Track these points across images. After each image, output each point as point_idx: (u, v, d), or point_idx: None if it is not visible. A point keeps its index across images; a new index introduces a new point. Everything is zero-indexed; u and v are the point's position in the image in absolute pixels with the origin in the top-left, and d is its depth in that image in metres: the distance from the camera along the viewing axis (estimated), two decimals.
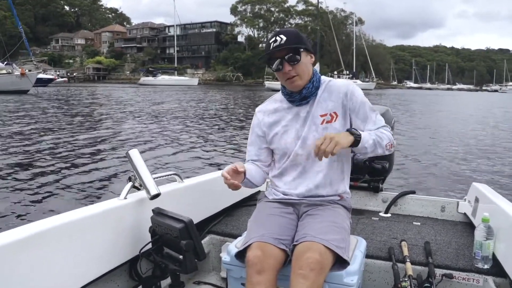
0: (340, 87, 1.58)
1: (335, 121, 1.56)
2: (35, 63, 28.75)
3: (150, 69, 61.80)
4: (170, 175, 1.91)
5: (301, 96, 1.57)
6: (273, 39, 1.50)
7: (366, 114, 1.57)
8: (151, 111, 16.55)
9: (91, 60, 77.36)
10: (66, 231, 1.33)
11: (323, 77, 1.64)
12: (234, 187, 1.44)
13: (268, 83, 45.35)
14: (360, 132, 1.49)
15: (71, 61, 78.50)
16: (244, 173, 1.53)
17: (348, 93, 1.57)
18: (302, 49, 1.51)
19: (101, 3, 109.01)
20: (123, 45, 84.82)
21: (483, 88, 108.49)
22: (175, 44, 68.60)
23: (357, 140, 1.45)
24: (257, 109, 1.71)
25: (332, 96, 1.58)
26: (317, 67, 1.66)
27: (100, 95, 27.79)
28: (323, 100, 1.58)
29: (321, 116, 1.57)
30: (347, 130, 1.51)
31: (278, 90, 1.73)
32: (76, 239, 1.36)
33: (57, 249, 1.29)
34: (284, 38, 1.48)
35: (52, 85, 34.13)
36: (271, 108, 1.67)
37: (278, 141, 1.62)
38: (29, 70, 26.77)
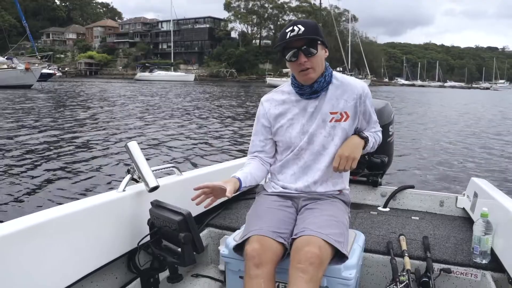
0: (355, 88, 1.56)
1: (344, 121, 1.55)
2: (39, 57, 28.32)
3: (146, 64, 61.54)
4: (169, 167, 1.90)
5: (312, 89, 1.54)
6: (290, 28, 1.46)
7: (371, 118, 1.64)
8: (150, 105, 16.58)
9: (83, 55, 76.46)
10: (64, 223, 1.31)
11: (335, 73, 1.61)
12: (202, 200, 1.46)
13: (270, 79, 45.35)
14: (367, 135, 1.57)
15: (62, 55, 77.47)
16: (240, 183, 1.52)
17: (363, 96, 1.56)
18: (319, 42, 1.48)
19: None
20: (115, 40, 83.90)
21: (474, 85, 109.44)
22: (172, 39, 68.08)
23: (365, 145, 1.57)
24: (263, 98, 1.68)
25: (345, 95, 1.56)
26: None
27: (100, 90, 27.72)
28: (334, 97, 1.56)
29: (331, 113, 1.55)
30: (357, 133, 1.57)
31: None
32: (75, 231, 1.35)
33: (55, 241, 1.27)
34: (302, 28, 1.44)
35: (50, 80, 33.85)
36: (278, 99, 1.64)
37: (282, 134, 1.61)
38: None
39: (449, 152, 8.07)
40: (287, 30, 1.46)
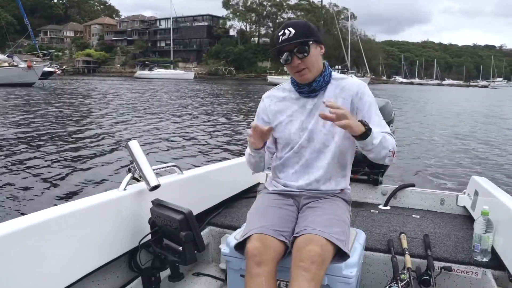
0: (352, 86, 1.57)
1: None
2: (41, 55, 28.25)
3: (146, 63, 61.59)
4: (170, 166, 1.90)
5: (310, 88, 1.56)
6: (282, 32, 1.48)
7: (371, 115, 1.53)
8: (151, 103, 16.58)
9: (80, 52, 76.23)
10: (65, 222, 1.31)
11: (334, 73, 1.62)
12: (253, 143, 1.51)
13: (271, 77, 45.22)
14: (371, 126, 1.43)
15: (60, 53, 77.17)
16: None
17: (359, 92, 1.56)
18: (311, 42, 1.48)
19: None
20: (113, 38, 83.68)
21: (472, 84, 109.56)
22: (172, 37, 67.89)
23: (367, 134, 1.39)
24: (264, 95, 1.71)
25: (343, 94, 1.57)
26: None
27: (100, 88, 27.71)
28: (333, 96, 1.56)
29: (330, 112, 1.54)
30: (360, 121, 1.43)
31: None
32: (76, 230, 1.34)
33: (56, 240, 1.27)
34: (293, 31, 1.46)
35: (51, 78, 33.82)
36: (278, 96, 1.66)
37: (282, 130, 1.62)
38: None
39: (449, 151, 8.08)
40: (279, 34, 1.48)
